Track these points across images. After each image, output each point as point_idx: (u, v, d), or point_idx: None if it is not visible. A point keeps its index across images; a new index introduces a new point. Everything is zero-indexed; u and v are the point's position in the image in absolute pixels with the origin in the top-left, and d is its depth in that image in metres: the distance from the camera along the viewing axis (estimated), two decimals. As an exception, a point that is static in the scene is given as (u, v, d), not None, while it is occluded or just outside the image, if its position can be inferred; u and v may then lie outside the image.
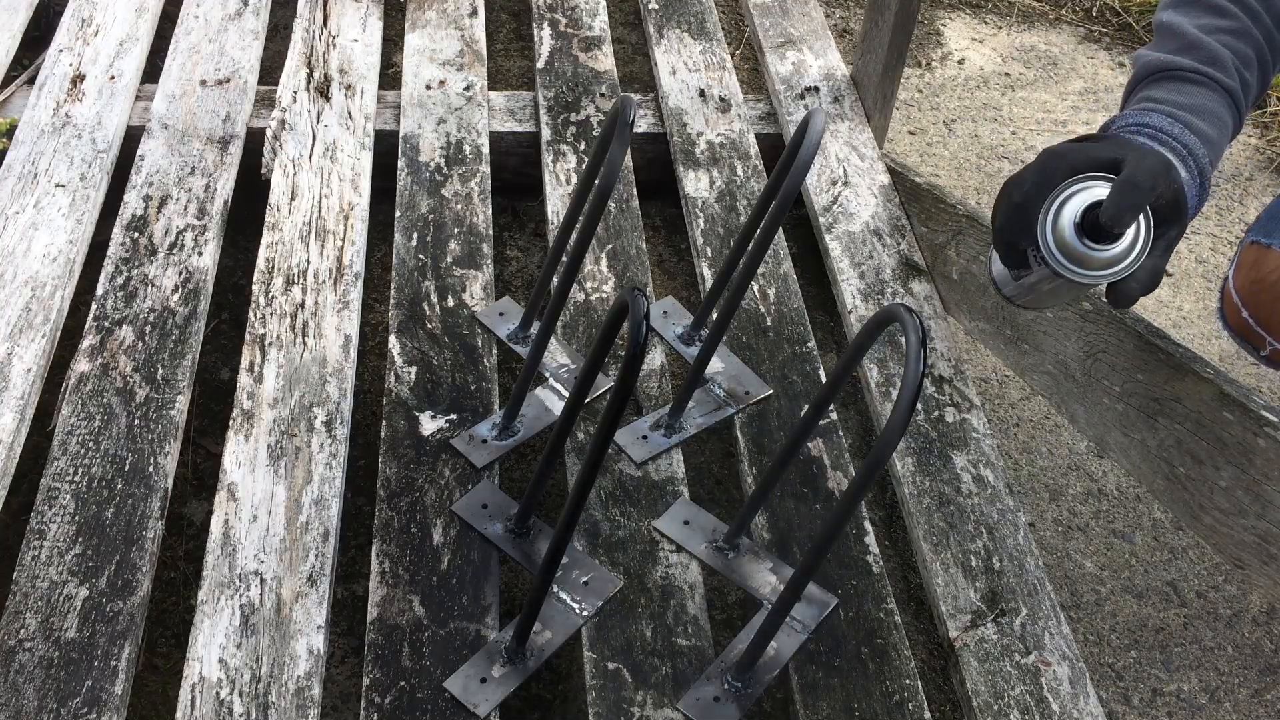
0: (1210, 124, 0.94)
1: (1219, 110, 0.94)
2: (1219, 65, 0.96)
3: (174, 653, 1.12)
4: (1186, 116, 0.93)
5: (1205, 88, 0.95)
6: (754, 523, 1.11)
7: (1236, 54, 0.96)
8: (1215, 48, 0.96)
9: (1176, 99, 0.94)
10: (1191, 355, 1.11)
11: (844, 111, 1.61)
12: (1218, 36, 0.96)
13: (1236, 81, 0.96)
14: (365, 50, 1.61)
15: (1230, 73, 0.96)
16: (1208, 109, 0.94)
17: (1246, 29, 0.97)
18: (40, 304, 1.21)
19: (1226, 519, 1.09)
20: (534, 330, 1.24)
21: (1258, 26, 0.98)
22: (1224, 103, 0.95)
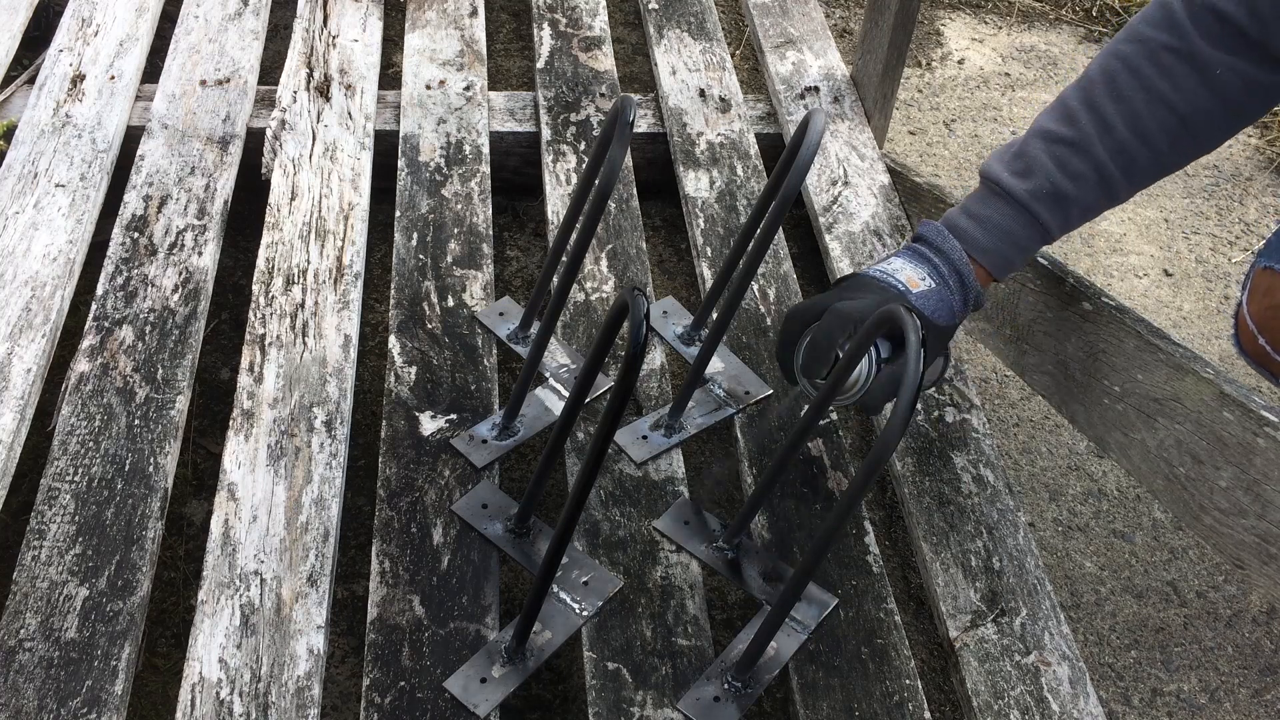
0: (987, 233, 1.05)
1: (1004, 222, 1.05)
2: (1028, 177, 1.03)
3: (174, 653, 1.12)
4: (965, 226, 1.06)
5: (1003, 200, 1.05)
6: (754, 523, 1.11)
7: (1064, 167, 1.02)
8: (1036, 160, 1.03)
9: (972, 207, 1.07)
10: (1191, 355, 1.11)
11: (844, 111, 1.61)
12: (1053, 148, 1.03)
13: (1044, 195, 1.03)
14: (365, 50, 1.61)
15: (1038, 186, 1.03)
16: (992, 220, 1.05)
17: (1087, 143, 1.01)
18: (40, 304, 1.21)
19: (1226, 519, 1.09)
20: (534, 330, 1.24)
21: (1104, 139, 1.01)
22: (1019, 216, 1.04)
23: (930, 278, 1.04)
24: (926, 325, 1.02)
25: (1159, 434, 1.14)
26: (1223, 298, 1.73)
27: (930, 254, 1.06)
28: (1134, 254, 1.78)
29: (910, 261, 1.06)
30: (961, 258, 1.05)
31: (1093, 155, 1.01)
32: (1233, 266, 1.79)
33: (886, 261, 1.07)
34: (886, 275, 1.04)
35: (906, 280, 1.04)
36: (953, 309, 1.05)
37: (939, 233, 1.06)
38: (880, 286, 1.03)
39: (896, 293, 1.02)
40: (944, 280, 1.05)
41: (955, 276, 1.05)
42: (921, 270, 1.05)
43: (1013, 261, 1.07)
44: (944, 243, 1.05)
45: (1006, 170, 1.05)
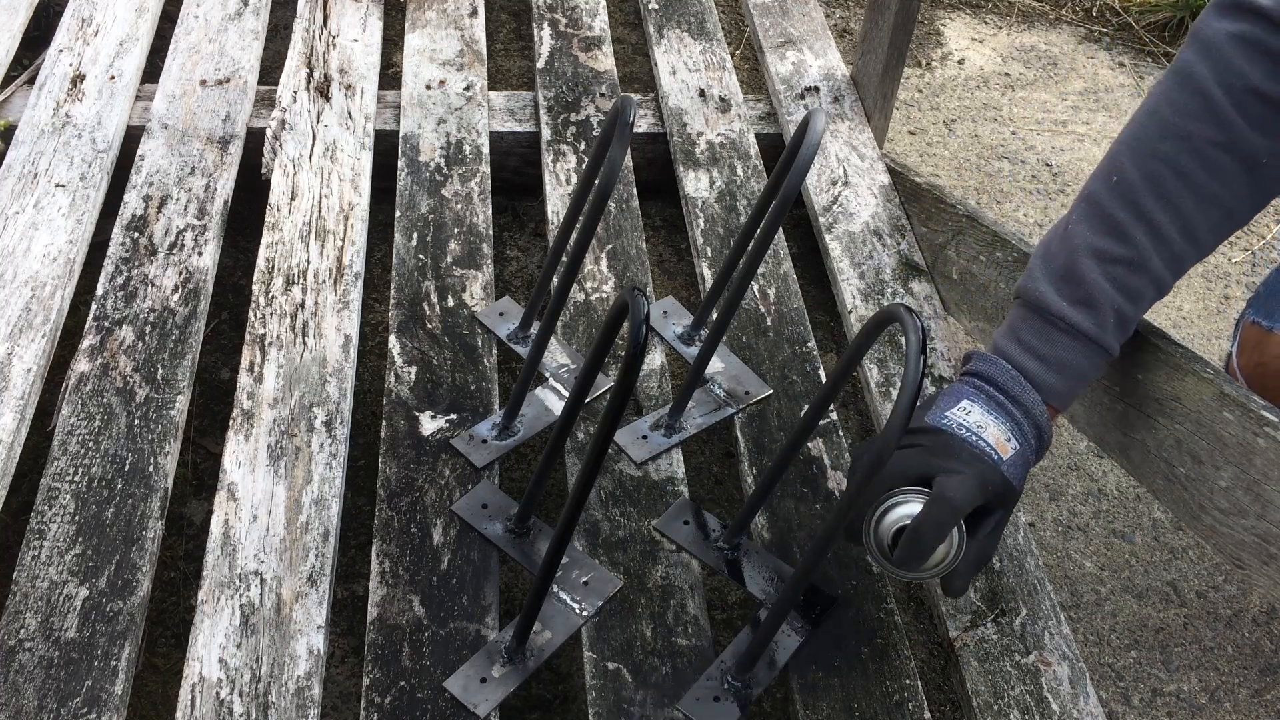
0: (1060, 377, 0.95)
1: (1076, 361, 0.95)
2: (1093, 310, 0.95)
3: (174, 653, 1.12)
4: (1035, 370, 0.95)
5: (1070, 337, 0.96)
6: (754, 523, 1.11)
7: (1124, 289, 0.94)
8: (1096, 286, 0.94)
9: (1034, 344, 0.96)
10: (1191, 355, 1.11)
11: (844, 111, 1.61)
12: (1109, 268, 0.94)
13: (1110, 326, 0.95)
14: (365, 50, 1.61)
15: (1104, 319, 0.95)
16: (1063, 361, 0.95)
17: (1145, 261, 0.94)
18: (40, 304, 1.21)
19: (1226, 519, 1.09)
20: (534, 330, 1.24)
21: (1161, 252, 0.94)
22: (1089, 352, 0.96)
23: (1015, 438, 0.93)
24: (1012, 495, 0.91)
25: (1159, 434, 1.14)
26: (1222, 298, 1.73)
27: (1010, 405, 0.94)
28: (1134, 254, 1.78)
29: (991, 414, 0.94)
30: (1043, 411, 0.95)
31: (1151, 271, 0.95)
32: (1233, 266, 1.79)
33: (962, 408, 0.94)
34: (973, 435, 0.92)
35: (994, 442, 0.92)
36: (1028, 468, 0.96)
37: (1016, 381, 0.95)
38: (974, 455, 0.90)
39: (991, 463, 0.90)
40: (1026, 439, 0.94)
41: (1035, 432, 0.95)
42: (1005, 428, 0.93)
43: (1078, 395, 0.99)
44: (1023, 394, 0.94)
45: (1065, 301, 0.95)
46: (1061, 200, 1.85)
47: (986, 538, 0.91)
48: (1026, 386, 0.94)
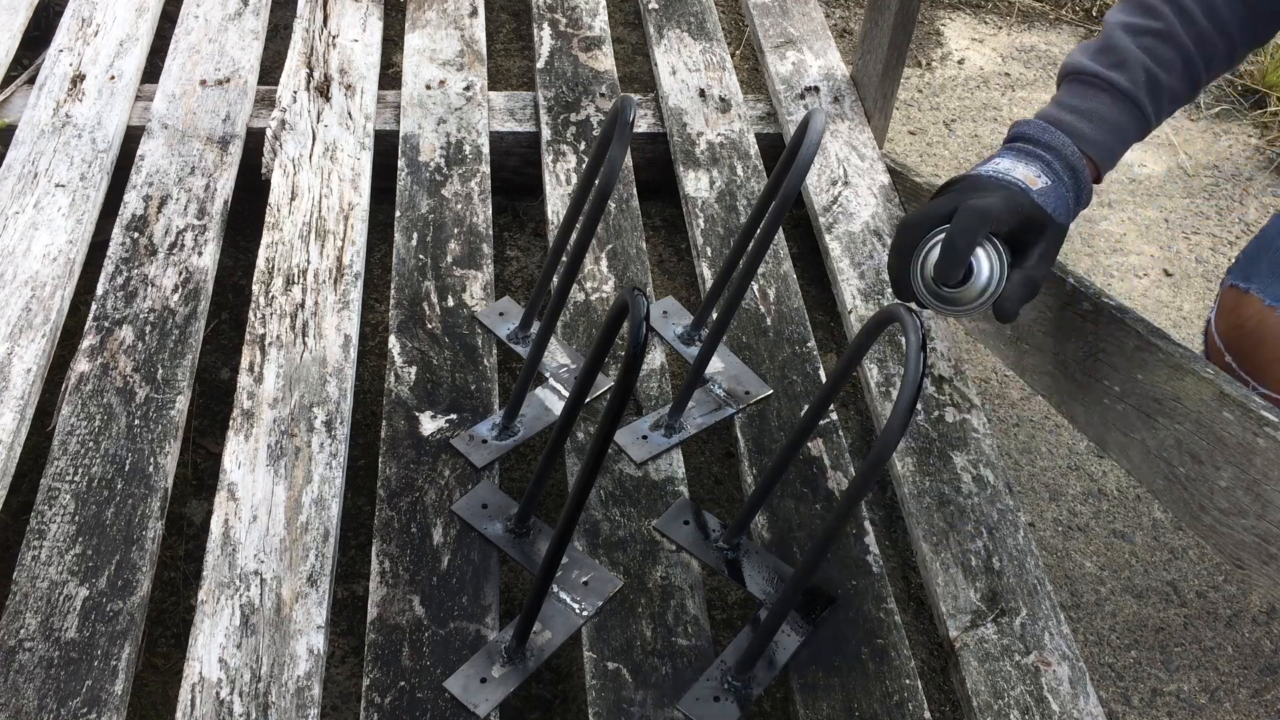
0: (1094, 125, 1.02)
1: (1109, 113, 1.02)
2: (1124, 69, 1.02)
3: (174, 653, 1.12)
4: (1069, 120, 1.02)
5: (1103, 92, 1.03)
6: (754, 523, 1.11)
7: (1154, 56, 1.02)
8: (1127, 50, 1.02)
9: (1070, 102, 1.04)
10: (1191, 355, 1.11)
11: (844, 111, 1.61)
12: (1139, 39, 1.02)
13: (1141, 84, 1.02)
14: (365, 50, 1.61)
15: (1135, 75, 1.02)
16: (1097, 113, 1.02)
17: (1172, 31, 1.02)
18: (40, 304, 1.21)
19: (1226, 519, 1.09)
20: (534, 330, 1.24)
21: (1188, 29, 1.02)
22: (1122, 106, 1.02)
23: (1045, 174, 0.99)
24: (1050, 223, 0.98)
25: (1159, 434, 1.14)
26: (1223, 298, 1.73)
27: (1040, 151, 1.01)
28: (1134, 254, 1.78)
29: (1019, 160, 1.00)
30: (1074, 152, 1.01)
31: (1179, 43, 1.02)
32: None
33: (992, 163, 1.01)
34: (1002, 174, 0.98)
35: (1025, 178, 0.97)
36: (1069, 207, 1.01)
37: (1044, 129, 1.02)
38: (1001, 184, 0.96)
39: (1019, 189, 0.96)
40: (1059, 177, 1.00)
41: (1069, 172, 1.00)
42: (1034, 167, 0.99)
43: (1117, 154, 1.04)
44: (1053, 139, 1.01)
45: (1100, 64, 1.03)
46: (1061, 200, 1.85)
47: (1034, 266, 0.97)
48: (1054, 131, 1.01)
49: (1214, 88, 2.12)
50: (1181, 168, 1.95)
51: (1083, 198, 1.03)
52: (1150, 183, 1.91)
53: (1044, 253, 0.98)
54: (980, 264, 0.95)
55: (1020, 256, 0.98)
